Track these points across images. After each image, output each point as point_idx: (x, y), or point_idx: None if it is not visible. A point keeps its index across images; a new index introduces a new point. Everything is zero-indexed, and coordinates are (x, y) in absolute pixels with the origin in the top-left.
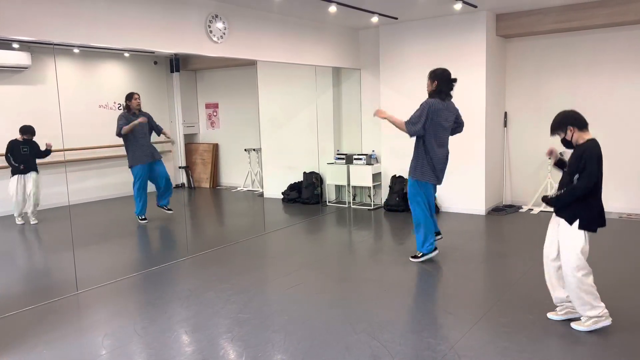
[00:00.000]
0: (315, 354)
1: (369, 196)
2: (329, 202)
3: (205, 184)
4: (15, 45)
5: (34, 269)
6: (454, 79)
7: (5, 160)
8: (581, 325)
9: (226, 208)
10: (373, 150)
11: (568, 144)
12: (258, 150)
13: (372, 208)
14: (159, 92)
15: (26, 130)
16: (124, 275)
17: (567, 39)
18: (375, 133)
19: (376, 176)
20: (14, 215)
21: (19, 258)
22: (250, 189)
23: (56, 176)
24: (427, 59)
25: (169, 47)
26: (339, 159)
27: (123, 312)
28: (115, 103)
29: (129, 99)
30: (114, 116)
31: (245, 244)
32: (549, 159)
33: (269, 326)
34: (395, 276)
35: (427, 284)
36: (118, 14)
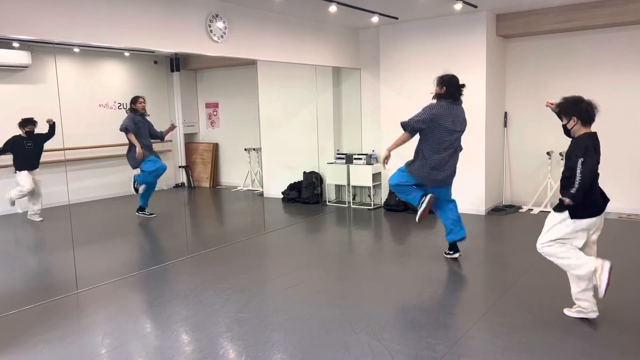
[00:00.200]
0: (314, 353)
1: (369, 196)
2: (329, 202)
3: (205, 184)
4: (16, 44)
5: (34, 267)
6: (463, 85)
7: (12, 154)
8: (569, 311)
9: (226, 207)
10: (373, 150)
11: (568, 132)
12: (258, 150)
13: (372, 208)
14: (159, 92)
15: (26, 122)
16: (124, 275)
17: (567, 39)
18: (375, 133)
19: (376, 176)
20: (30, 213)
21: (21, 257)
22: (250, 188)
23: (56, 175)
24: (427, 59)
25: (169, 47)
26: (339, 158)
27: (123, 311)
28: (115, 102)
29: (134, 102)
30: (114, 115)
31: (245, 243)
32: (549, 106)
33: (268, 325)
34: (395, 276)
35: (427, 283)
36: (118, 13)
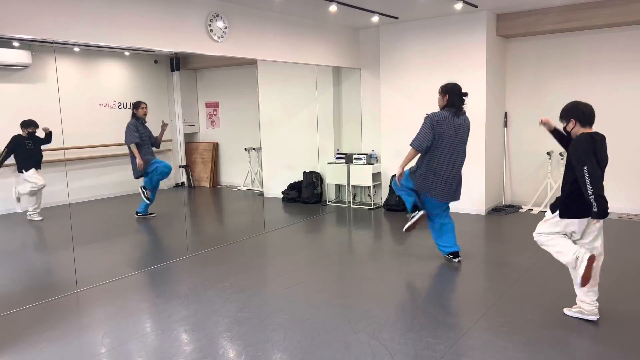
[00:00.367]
0: (314, 353)
1: (369, 196)
2: (329, 202)
3: (205, 183)
4: (16, 44)
5: (34, 266)
6: (465, 93)
7: (13, 155)
8: (569, 311)
9: (226, 207)
10: (373, 150)
11: (569, 134)
12: (258, 150)
13: (372, 208)
14: (159, 91)
15: (29, 124)
16: (123, 274)
17: (567, 39)
18: (375, 133)
19: (376, 176)
20: (30, 212)
21: (20, 256)
22: (250, 188)
23: (56, 174)
24: (428, 58)
25: (169, 46)
26: (339, 158)
27: (123, 311)
28: (115, 102)
29: (136, 107)
30: (114, 115)
31: (244, 243)
32: (541, 125)
33: (268, 325)
34: (395, 276)
35: (427, 283)
36: (118, 12)
